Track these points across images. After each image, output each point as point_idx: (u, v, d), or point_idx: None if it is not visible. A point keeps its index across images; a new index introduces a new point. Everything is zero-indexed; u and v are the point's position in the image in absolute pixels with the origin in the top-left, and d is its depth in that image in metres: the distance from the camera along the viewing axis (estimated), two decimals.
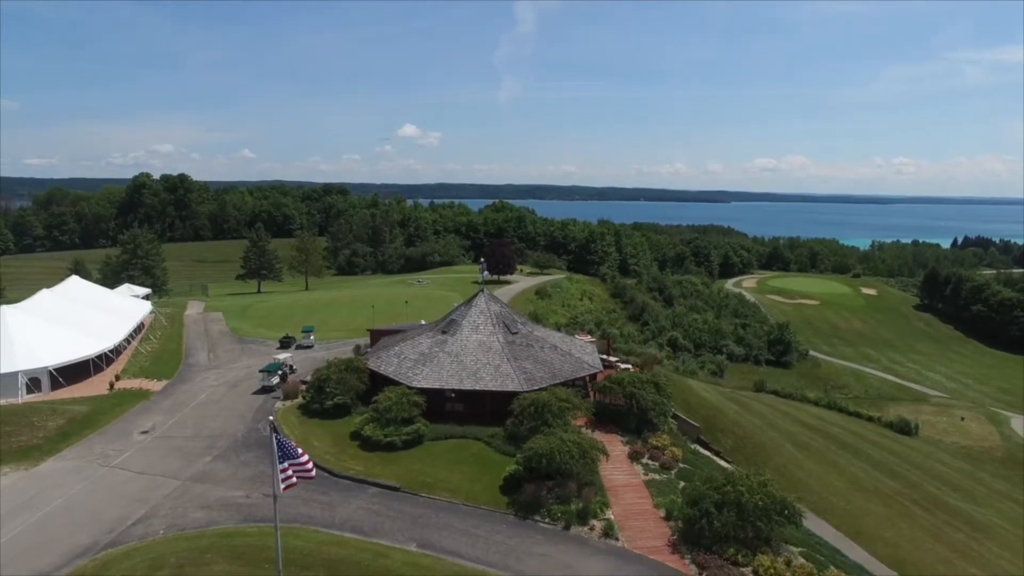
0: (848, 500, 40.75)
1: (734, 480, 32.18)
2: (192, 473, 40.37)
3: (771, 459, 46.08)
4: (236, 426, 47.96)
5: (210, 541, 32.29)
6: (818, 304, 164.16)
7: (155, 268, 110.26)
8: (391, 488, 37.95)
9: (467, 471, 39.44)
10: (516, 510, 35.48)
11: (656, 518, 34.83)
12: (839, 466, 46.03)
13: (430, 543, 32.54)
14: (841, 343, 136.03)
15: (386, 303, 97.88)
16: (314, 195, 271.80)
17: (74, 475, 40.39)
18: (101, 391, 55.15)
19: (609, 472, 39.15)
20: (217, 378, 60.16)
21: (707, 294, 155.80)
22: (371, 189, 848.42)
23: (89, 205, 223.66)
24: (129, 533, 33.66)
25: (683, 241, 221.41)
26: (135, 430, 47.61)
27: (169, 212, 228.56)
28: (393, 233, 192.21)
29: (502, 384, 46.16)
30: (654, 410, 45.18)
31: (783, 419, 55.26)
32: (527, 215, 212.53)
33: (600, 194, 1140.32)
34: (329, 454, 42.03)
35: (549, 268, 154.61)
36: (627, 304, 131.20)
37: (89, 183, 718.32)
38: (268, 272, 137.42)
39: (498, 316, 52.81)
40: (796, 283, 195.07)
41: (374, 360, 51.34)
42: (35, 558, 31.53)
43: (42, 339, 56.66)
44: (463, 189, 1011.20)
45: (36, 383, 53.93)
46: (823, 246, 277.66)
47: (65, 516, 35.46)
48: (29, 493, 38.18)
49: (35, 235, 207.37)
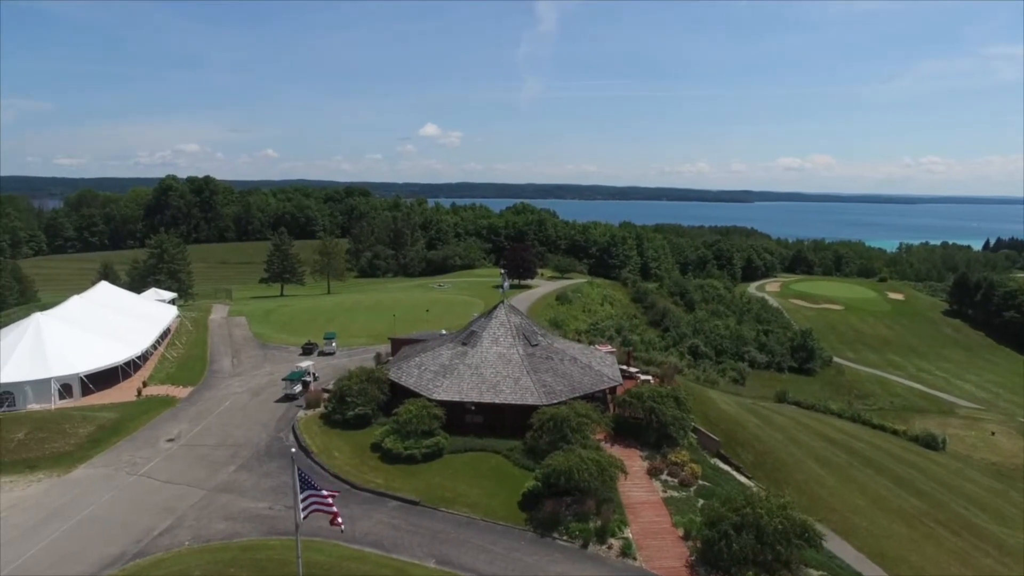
0: (871, 520, 40.17)
1: (753, 502, 32.00)
2: (216, 483, 41.14)
3: (792, 475, 45.66)
4: (259, 435, 48.73)
5: (234, 554, 32.91)
6: (843, 309, 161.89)
7: (181, 272, 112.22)
8: (411, 502, 38.32)
9: (486, 485, 39.66)
10: (534, 527, 35.65)
11: (674, 537, 34.78)
12: (862, 483, 45.40)
13: (449, 560, 32.85)
14: (866, 349, 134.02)
15: (407, 308, 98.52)
16: (336, 196, 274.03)
17: (104, 483, 41.41)
18: (129, 398, 56.37)
19: (628, 489, 39.14)
20: (241, 385, 61.13)
21: (729, 299, 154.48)
22: (392, 189, 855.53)
23: (118, 207, 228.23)
24: (156, 543, 34.45)
25: (705, 244, 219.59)
26: (162, 438, 48.64)
27: (195, 214, 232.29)
28: (415, 236, 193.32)
29: (521, 398, 46.32)
30: (674, 425, 45.04)
31: (805, 433, 54.65)
32: (548, 218, 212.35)
33: (622, 193, 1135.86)
34: (350, 466, 42.54)
35: (570, 272, 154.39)
36: (648, 309, 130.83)
37: (117, 183, 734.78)
38: (291, 276, 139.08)
39: (518, 328, 52.96)
40: (820, 287, 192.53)
41: (395, 371, 51.80)
42: (68, 566, 32.47)
43: (74, 346, 58.02)
44: (484, 188, 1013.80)
45: (68, 389, 55.27)
46: (848, 249, 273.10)
47: (95, 525, 36.38)
48: (61, 500, 39.26)
49: (66, 236, 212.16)
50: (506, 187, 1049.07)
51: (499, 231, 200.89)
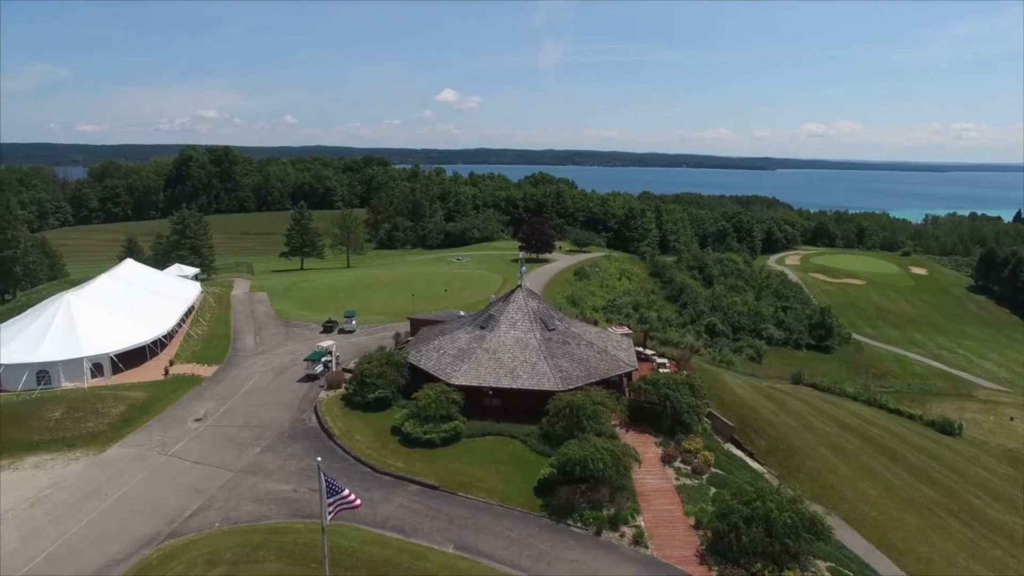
0: (881, 510, 40.70)
1: (764, 495, 32.67)
2: (243, 464, 42.67)
3: (804, 463, 46.23)
4: (283, 416, 50.18)
5: (262, 537, 34.41)
6: (864, 284, 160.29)
7: (203, 247, 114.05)
8: (430, 487, 39.54)
9: (503, 471, 40.73)
10: (550, 513, 36.71)
11: (686, 526, 35.66)
12: (874, 471, 45.82)
13: (467, 545, 34.07)
14: (886, 326, 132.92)
15: (426, 284, 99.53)
16: (355, 166, 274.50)
17: (137, 463, 43.14)
18: (157, 377, 58.12)
19: (641, 476, 39.97)
20: (264, 364, 62.66)
21: (748, 273, 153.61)
22: (411, 155, 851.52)
23: (140, 178, 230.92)
24: (187, 525, 36.08)
25: (725, 216, 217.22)
26: (189, 417, 50.30)
27: (215, 184, 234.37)
28: (433, 207, 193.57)
29: (538, 383, 47.14)
30: (688, 412, 45.67)
31: (819, 418, 55.01)
32: (566, 189, 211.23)
33: (641, 160, 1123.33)
34: (371, 449, 43.83)
35: (588, 245, 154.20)
36: (666, 284, 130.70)
37: (138, 149, 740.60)
38: (311, 250, 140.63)
39: (536, 312, 53.56)
40: (841, 261, 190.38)
41: (414, 354, 52.81)
42: (107, 545, 34.22)
43: (103, 326, 59.78)
44: (503, 155, 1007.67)
45: (99, 368, 57.14)
46: (872, 221, 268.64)
47: (130, 505, 38.11)
48: (98, 480, 41.06)
49: (91, 207, 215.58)
50: (525, 153, 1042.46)
51: (517, 203, 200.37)
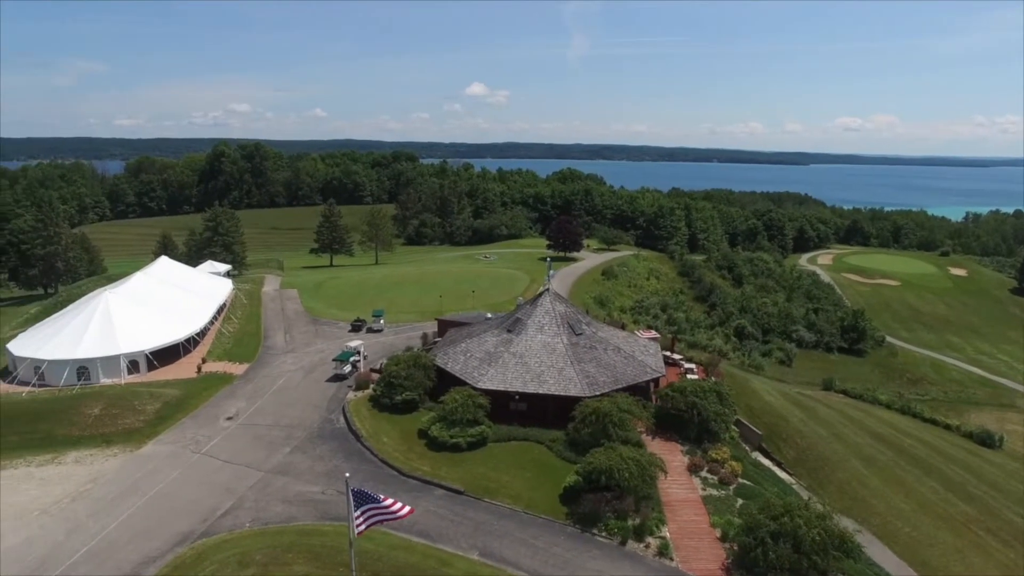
0: (915, 526, 39.81)
1: (791, 510, 32.25)
2: (273, 464, 43.47)
3: (834, 474, 45.47)
4: (312, 416, 50.97)
5: (291, 539, 35.05)
6: (899, 285, 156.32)
7: (235, 245, 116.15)
8: (456, 491, 39.85)
9: (528, 477, 40.86)
10: (574, 521, 36.77)
11: (712, 538, 35.41)
12: (907, 485, 44.79)
13: (491, 552, 34.30)
14: (922, 329, 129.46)
15: (453, 282, 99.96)
16: (383, 161, 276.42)
17: (171, 460, 44.28)
18: (190, 374, 59.40)
19: (667, 485, 39.79)
20: (294, 362, 63.63)
21: (779, 273, 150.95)
22: (439, 148, 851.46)
23: (174, 173, 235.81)
24: (220, 524, 36.94)
25: (756, 214, 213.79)
26: (221, 415, 51.40)
27: (246, 180, 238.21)
28: (461, 204, 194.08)
29: (565, 388, 47.12)
30: (716, 420, 45.29)
31: (850, 427, 53.97)
32: (594, 186, 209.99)
33: (671, 155, 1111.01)
34: (398, 452, 44.31)
35: (616, 244, 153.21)
36: (695, 284, 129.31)
37: (173, 143, 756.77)
38: (340, 246, 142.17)
39: (563, 317, 53.48)
40: (876, 261, 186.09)
41: (441, 356, 53.15)
42: (144, 542, 35.29)
43: (139, 324, 61.31)
44: (531, 148, 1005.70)
45: (135, 365, 58.63)
46: (908, 219, 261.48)
47: (166, 502, 39.17)
48: (135, 476, 42.29)
49: (127, 202, 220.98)
50: (553, 147, 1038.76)
51: (545, 200, 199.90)
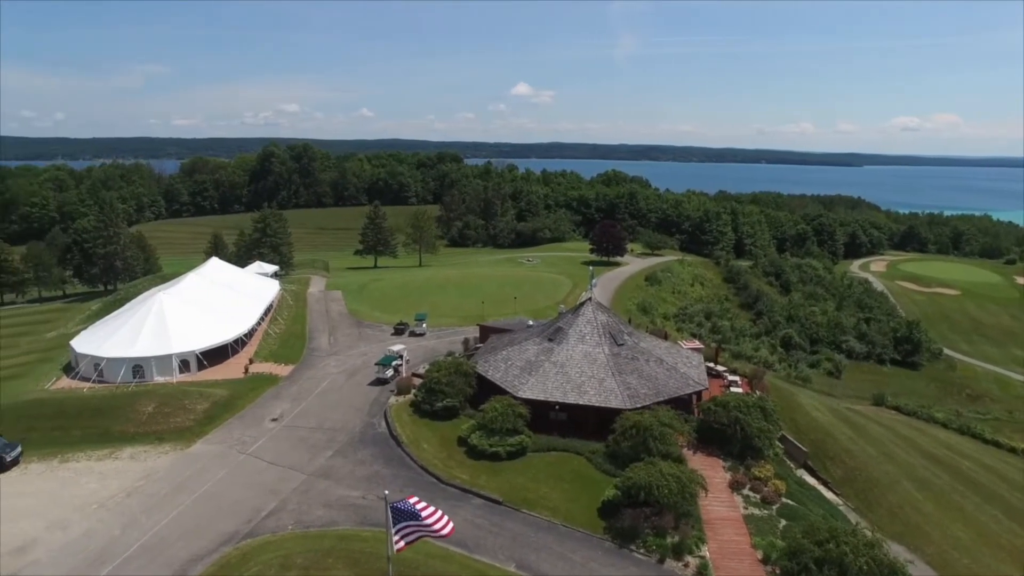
0: (974, 557, 37.89)
1: (838, 536, 31.19)
2: (315, 468, 44.32)
3: (884, 497, 43.82)
4: (354, 420, 51.79)
5: (331, 543, 35.67)
6: (959, 295, 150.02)
7: (282, 246, 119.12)
8: (494, 501, 39.91)
9: (567, 489, 40.64)
10: (612, 536, 36.41)
11: (752, 560, 34.59)
12: (966, 512, 42.76)
13: (528, 565, 34.24)
14: (984, 342, 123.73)
15: (496, 286, 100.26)
16: (428, 162, 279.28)
17: (219, 460, 45.61)
18: (237, 374, 61.05)
19: (708, 502, 39.04)
20: (337, 365, 64.78)
21: (828, 280, 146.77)
22: (484, 148, 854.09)
23: (225, 173, 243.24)
24: (263, 525, 37.85)
25: (805, 218, 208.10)
26: (266, 417, 52.69)
27: (294, 180, 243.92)
28: (504, 206, 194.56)
29: (605, 400, 46.74)
30: (759, 437, 44.23)
31: (903, 447, 51.97)
32: (639, 190, 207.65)
33: (718, 156, 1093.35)
34: (438, 459, 44.65)
35: (661, 249, 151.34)
36: (741, 290, 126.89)
37: (225, 143, 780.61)
38: (384, 248, 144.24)
39: (605, 326, 53.06)
40: (934, 268, 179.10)
41: (482, 364, 53.35)
42: (193, 540, 36.45)
43: (191, 324, 63.39)
44: (576, 148, 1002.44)
45: (186, 364, 60.64)
46: (970, 224, 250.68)
47: (213, 501, 40.36)
48: (185, 474, 43.72)
49: (182, 201, 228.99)
50: (598, 147, 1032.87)
51: (589, 203, 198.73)
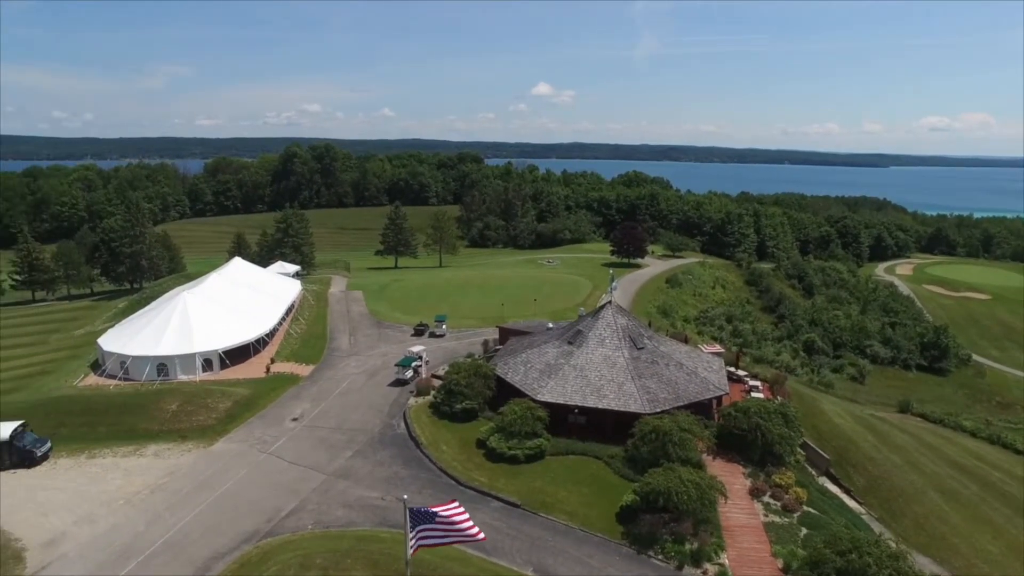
0: (1005, 572, 37.14)
1: (860, 546, 30.70)
2: (335, 468, 44.68)
3: (909, 507, 43.03)
4: (373, 420, 52.13)
5: (350, 544, 35.91)
6: (988, 299, 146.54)
7: (304, 246, 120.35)
8: (512, 504, 39.90)
9: (585, 493, 40.51)
10: (631, 542, 36.23)
11: (773, 568, 34.19)
12: (995, 525, 41.75)
13: (545, 569, 34.20)
14: (1015, 348, 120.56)
15: (516, 288, 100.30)
16: (448, 163, 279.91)
17: (240, 459, 46.17)
18: (259, 374, 61.77)
19: (728, 509, 38.68)
20: (357, 366, 65.26)
21: (852, 283, 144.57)
22: (505, 148, 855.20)
23: (248, 173, 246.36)
24: (283, 524, 38.25)
25: (829, 220, 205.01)
26: (287, 416, 53.25)
27: (316, 180, 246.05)
28: (525, 207, 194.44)
29: (624, 404, 46.52)
30: (780, 443, 43.74)
31: (929, 456, 51.00)
32: (660, 191, 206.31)
33: (740, 156, 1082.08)
34: (457, 461, 44.75)
35: (682, 251, 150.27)
36: (763, 293, 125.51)
37: (248, 142, 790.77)
38: (405, 249, 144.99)
39: (624, 330, 52.81)
40: (963, 272, 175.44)
41: (501, 366, 53.40)
42: (214, 537, 36.93)
43: (214, 323, 64.28)
44: (597, 149, 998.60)
45: (209, 363, 61.52)
46: (1001, 226, 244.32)
47: (234, 500, 40.87)
48: (207, 472, 44.33)
49: (205, 201, 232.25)
50: (619, 147, 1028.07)
51: (610, 204, 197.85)
